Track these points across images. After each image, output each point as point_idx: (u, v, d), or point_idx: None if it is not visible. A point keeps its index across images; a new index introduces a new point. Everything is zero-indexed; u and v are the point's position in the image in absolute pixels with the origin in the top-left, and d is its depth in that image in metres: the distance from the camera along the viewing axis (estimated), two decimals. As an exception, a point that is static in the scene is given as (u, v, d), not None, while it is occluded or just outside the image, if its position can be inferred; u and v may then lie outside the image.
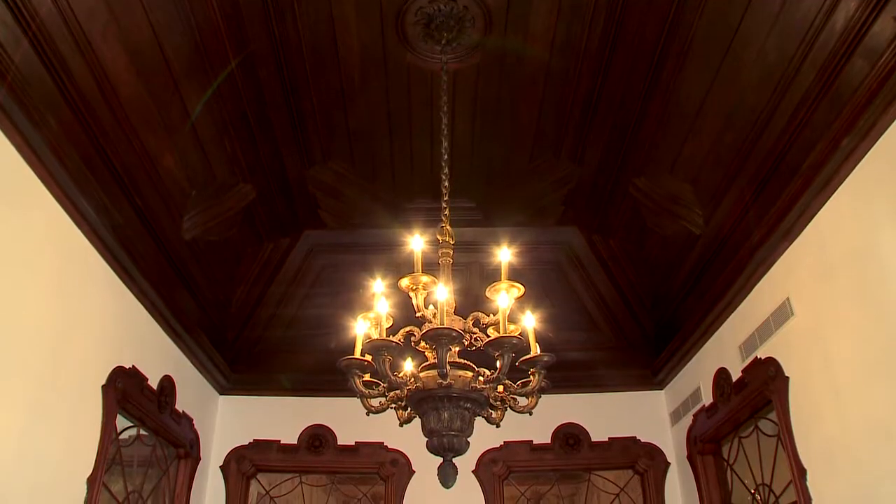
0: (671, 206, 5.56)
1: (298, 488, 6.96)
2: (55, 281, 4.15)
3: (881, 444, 3.77)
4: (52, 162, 3.88)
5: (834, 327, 4.18)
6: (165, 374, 5.69)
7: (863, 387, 3.93)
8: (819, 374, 4.34)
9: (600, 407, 6.94)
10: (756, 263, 4.94)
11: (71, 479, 4.36)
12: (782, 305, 4.73)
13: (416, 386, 3.01)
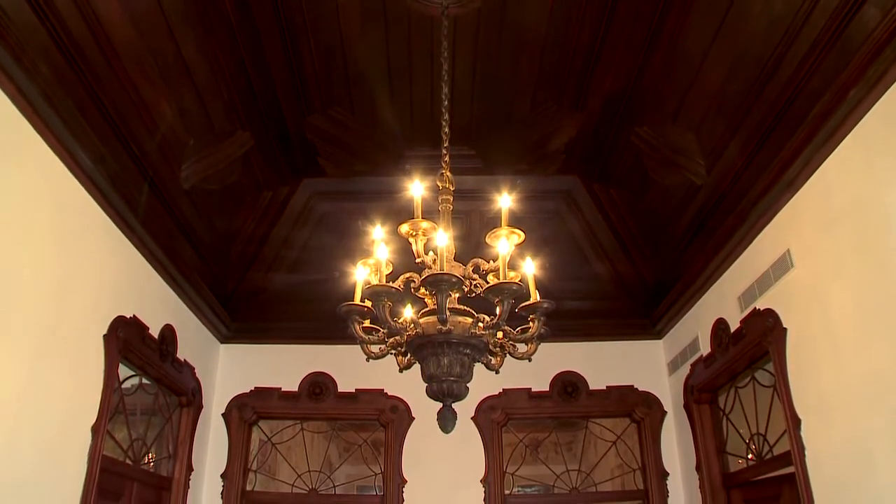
0: (673, 156, 5.51)
1: (300, 435, 7.05)
2: (53, 231, 4.14)
3: (876, 396, 3.80)
4: (45, 111, 3.83)
5: (834, 280, 4.18)
6: (166, 324, 5.73)
7: (861, 339, 3.94)
8: (817, 326, 4.35)
9: (598, 355, 7.00)
10: (757, 215, 4.92)
11: (75, 428, 4.42)
12: (782, 257, 4.73)
13: (415, 332, 3.01)
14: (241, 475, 6.71)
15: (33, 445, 3.96)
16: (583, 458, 7.14)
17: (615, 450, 7.04)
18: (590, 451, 7.16)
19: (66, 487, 4.31)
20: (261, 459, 7.09)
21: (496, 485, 6.56)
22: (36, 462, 3.98)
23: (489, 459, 6.64)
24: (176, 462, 6.11)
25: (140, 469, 5.52)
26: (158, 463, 5.95)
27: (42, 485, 4.05)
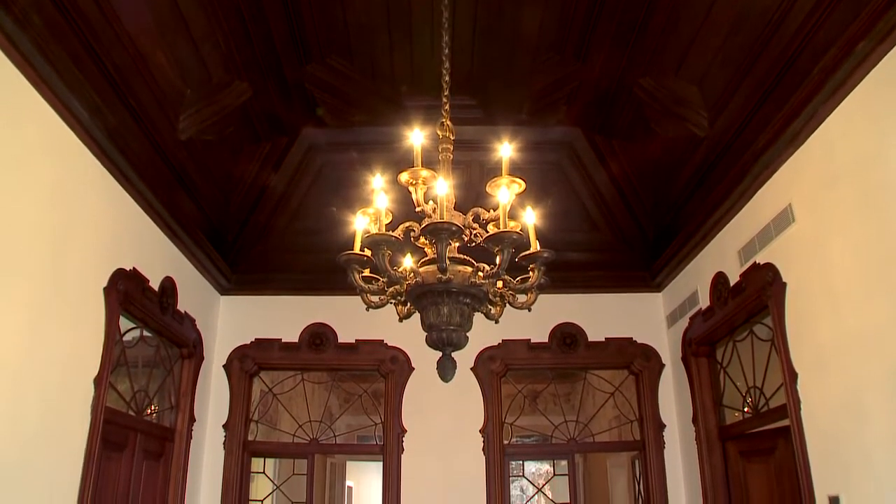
0: (676, 108, 5.45)
1: (300, 385, 7.12)
2: (50, 184, 4.12)
3: (873, 352, 3.82)
4: (40, 63, 3.77)
5: (835, 235, 4.18)
6: (166, 276, 5.74)
7: (860, 296, 3.95)
8: (817, 281, 4.36)
9: (598, 308, 7.04)
10: (759, 169, 4.89)
11: (78, 380, 4.46)
12: (784, 212, 4.71)
13: (415, 281, 3.00)
14: (243, 425, 6.79)
15: (37, 398, 4.00)
16: (581, 409, 7.21)
17: (613, 401, 7.11)
18: (588, 403, 7.23)
19: (70, 438, 4.36)
20: (262, 410, 7.16)
21: (495, 435, 6.64)
22: (40, 414, 4.03)
23: (488, 410, 6.72)
24: (178, 413, 6.18)
25: (143, 420, 5.58)
26: (161, 414, 6.01)
27: (47, 436, 4.10)
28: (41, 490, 4.05)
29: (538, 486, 7.52)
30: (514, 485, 7.26)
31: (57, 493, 4.22)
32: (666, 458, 6.64)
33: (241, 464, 6.69)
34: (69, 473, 4.34)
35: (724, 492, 5.91)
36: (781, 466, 5.23)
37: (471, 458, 6.60)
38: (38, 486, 4.01)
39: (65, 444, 4.30)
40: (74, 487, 4.38)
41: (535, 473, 8.61)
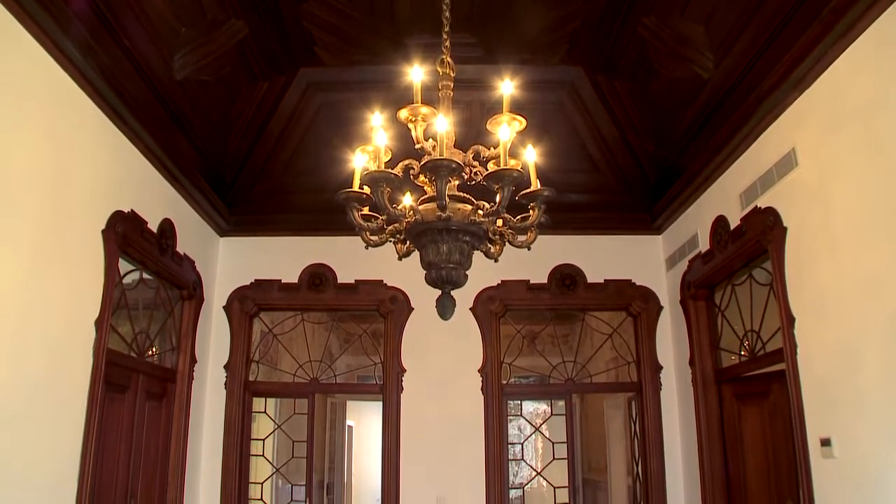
0: (680, 49, 5.36)
1: (300, 326, 7.16)
2: (45, 126, 4.06)
3: (870, 297, 3.84)
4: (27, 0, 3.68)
5: (838, 180, 4.14)
6: (165, 218, 5.72)
7: (860, 241, 3.94)
8: (817, 225, 4.35)
9: (597, 249, 7.04)
10: (764, 112, 4.81)
11: (79, 322, 4.48)
12: (787, 155, 4.67)
13: (414, 219, 2.98)
14: (244, 366, 6.86)
15: (39, 342, 4.03)
16: (579, 350, 7.27)
17: (611, 343, 7.16)
18: (586, 344, 7.28)
19: (73, 380, 4.41)
20: (262, 350, 7.22)
21: (493, 374, 6.72)
22: (42, 357, 4.06)
23: (487, 350, 6.78)
24: (179, 354, 6.23)
25: (144, 361, 5.63)
26: (162, 355, 6.07)
27: (50, 379, 4.14)
28: (46, 431, 4.11)
29: (535, 426, 7.61)
30: (511, 424, 7.35)
31: (61, 433, 4.28)
32: (662, 400, 6.72)
33: (242, 404, 6.77)
34: (73, 415, 4.40)
35: (719, 433, 6.00)
36: (775, 409, 5.31)
37: (469, 398, 6.69)
38: (42, 427, 4.07)
39: (68, 386, 4.35)
40: (79, 428, 4.44)
41: (533, 413, 8.73)
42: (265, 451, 7.08)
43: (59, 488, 4.26)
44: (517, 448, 7.40)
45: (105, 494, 4.96)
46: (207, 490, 6.54)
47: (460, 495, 6.50)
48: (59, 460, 4.26)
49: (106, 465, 4.95)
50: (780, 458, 5.27)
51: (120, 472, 5.20)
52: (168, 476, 5.98)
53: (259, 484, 6.96)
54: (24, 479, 3.91)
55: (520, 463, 7.58)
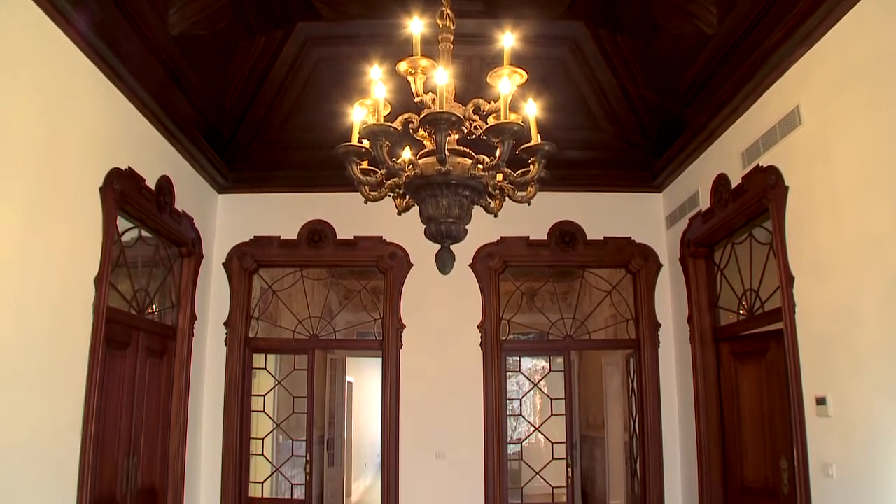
0: (684, 4, 5.28)
1: (300, 282, 7.17)
2: (39, 83, 4.01)
3: (870, 257, 3.84)
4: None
5: (842, 139, 4.11)
6: (163, 175, 5.68)
7: (862, 200, 3.93)
8: (820, 185, 4.33)
9: (597, 206, 7.02)
10: (769, 68, 4.75)
11: (78, 280, 4.48)
12: (791, 114, 4.62)
13: (413, 172, 2.96)
14: (244, 323, 6.89)
15: (39, 299, 4.04)
16: (578, 307, 7.30)
17: (610, 300, 7.18)
18: (585, 301, 7.31)
19: (74, 338, 4.43)
20: (262, 307, 7.24)
21: (492, 330, 6.75)
22: (43, 315, 4.08)
23: (486, 306, 6.80)
24: (179, 311, 6.25)
25: (145, 319, 5.66)
26: (162, 313, 6.08)
27: (51, 336, 4.17)
28: (48, 388, 4.15)
29: (534, 382, 7.66)
30: (510, 380, 7.41)
31: (63, 390, 4.32)
32: (660, 357, 6.77)
33: (242, 360, 6.82)
34: (74, 372, 4.44)
35: (716, 391, 6.05)
36: (772, 368, 5.34)
37: (468, 354, 6.73)
38: (44, 384, 4.10)
39: (69, 343, 4.37)
40: (80, 385, 4.49)
41: (532, 369, 8.79)
42: (266, 407, 7.14)
43: (62, 444, 4.32)
44: (515, 404, 7.48)
45: (108, 450, 5.02)
46: (209, 445, 6.62)
47: (459, 450, 6.58)
48: (62, 416, 4.31)
49: (108, 421, 5.00)
50: (775, 416, 5.32)
51: (122, 428, 5.26)
52: (170, 431, 6.05)
53: (260, 439, 7.04)
54: (28, 436, 3.96)
55: (518, 419, 7.65)
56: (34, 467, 4.03)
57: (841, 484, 4.12)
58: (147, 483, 5.68)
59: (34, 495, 4.04)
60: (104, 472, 4.96)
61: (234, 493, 6.59)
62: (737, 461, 5.81)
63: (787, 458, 5.10)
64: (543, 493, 6.92)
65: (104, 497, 4.97)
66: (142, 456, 5.57)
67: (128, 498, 5.30)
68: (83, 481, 4.47)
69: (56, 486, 4.26)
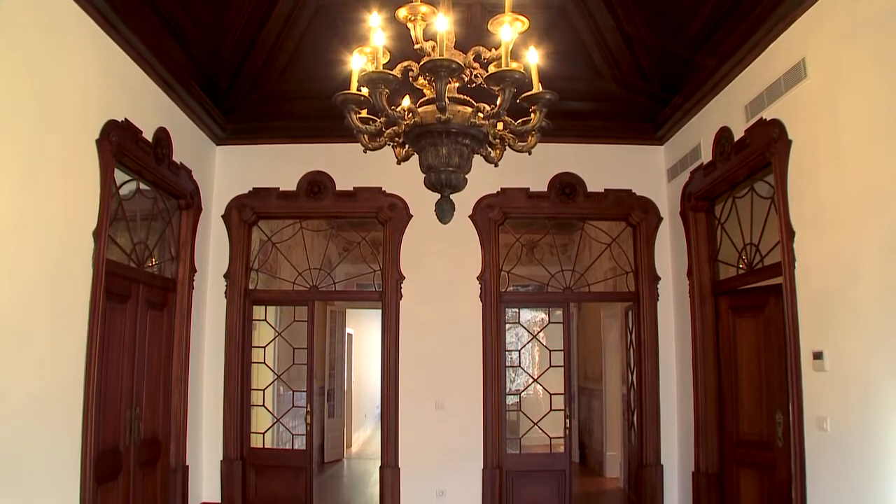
0: (690, -51, 5.18)
1: (299, 234, 7.16)
2: (28, 34, 3.94)
3: (872, 212, 3.83)
4: None
5: (848, 93, 4.06)
6: (160, 127, 5.63)
7: (866, 155, 3.90)
8: (823, 139, 4.29)
9: (598, 158, 6.98)
10: (775, 20, 4.68)
11: (77, 234, 4.48)
12: (796, 66, 4.56)
13: (413, 121, 2.92)
14: (244, 275, 6.90)
15: (38, 253, 4.04)
16: (577, 259, 7.30)
17: (609, 252, 7.18)
18: (584, 254, 7.31)
19: (74, 291, 4.44)
20: (262, 259, 7.25)
21: (492, 282, 6.77)
22: (43, 269, 4.08)
23: (485, 257, 6.81)
24: (179, 264, 6.26)
25: (144, 272, 5.66)
26: (162, 266, 6.09)
27: (51, 290, 4.17)
28: (49, 341, 4.18)
29: (533, 333, 7.71)
30: (509, 332, 7.45)
31: (64, 343, 4.35)
32: (659, 310, 6.80)
33: (242, 312, 6.85)
34: (75, 325, 4.46)
35: (713, 344, 6.09)
36: (770, 322, 5.38)
37: (468, 305, 6.76)
38: (45, 337, 4.13)
39: (69, 296, 4.38)
40: (82, 338, 4.52)
41: (531, 321, 8.83)
42: (266, 359, 7.20)
43: (66, 396, 4.36)
44: (514, 355, 7.52)
45: (111, 402, 5.08)
46: (210, 396, 6.70)
47: (458, 400, 6.65)
48: (65, 369, 4.35)
49: (110, 373, 5.05)
50: (772, 370, 5.37)
51: (124, 380, 5.31)
52: (171, 383, 6.11)
53: (261, 390, 7.10)
54: (32, 390, 4.00)
55: (517, 370, 7.69)
56: (39, 421, 4.08)
57: (835, 437, 4.18)
58: (150, 434, 5.76)
59: (40, 448, 4.10)
60: (108, 423, 5.03)
61: (236, 443, 6.69)
62: (733, 414, 5.88)
63: (783, 411, 5.15)
64: (541, 443, 7.01)
65: (108, 448, 5.05)
66: (144, 407, 5.63)
67: (131, 449, 5.39)
68: (87, 433, 4.53)
69: (61, 439, 4.32)
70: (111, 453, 5.10)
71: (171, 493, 6.01)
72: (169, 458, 6.03)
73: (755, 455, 5.59)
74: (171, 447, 6.06)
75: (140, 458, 5.53)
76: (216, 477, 6.66)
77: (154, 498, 5.77)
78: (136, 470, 5.46)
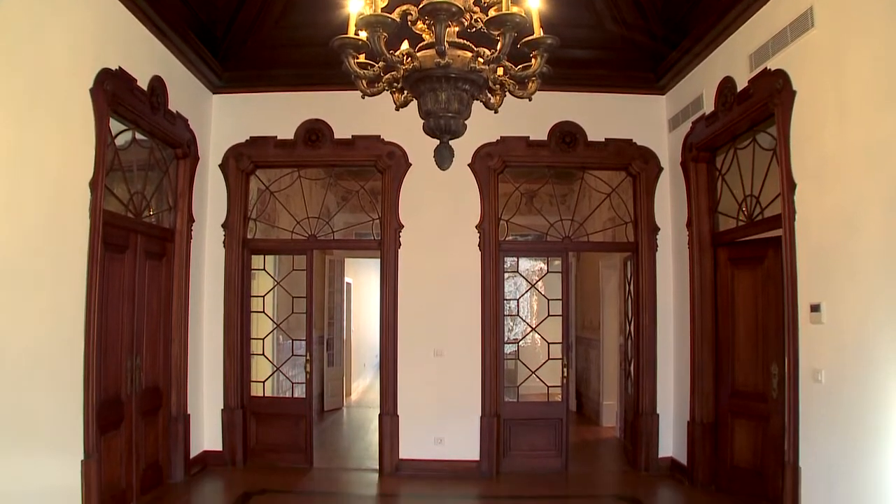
0: None
1: (297, 183, 7.13)
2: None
3: (876, 165, 3.81)
4: None
5: (856, 44, 3.99)
6: (155, 75, 5.56)
7: (871, 109, 3.86)
8: (829, 90, 4.24)
9: (599, 107, 6.89)
10: (783, -33, 4.59)
11: (73, 185, 4.45)
12: (803, 15, 4.48)
13: (412, 65, 2.87)
14: (242, 224, 6.89)
15: (35, 205, 4.03)
16: (577, 209, 7.27)
17: (609, 202, 7.16)
18: (584, 204, 7.28)
19: (72, 242, 4.45)
20: (260, 208, 7.23)
21: (491, 230, 6.76)
22: (39, 220, 4.08)
23: (485, 206, 6.78)
24: (177, 214, 6.24)
25: (142, 222, 5.66)
26: (160, 216, 6.08)
27: (49, 240, 4.18)
28: (48, 292, 4.20)
29: (531, 283, 7.71)
30: (508, 281, 7.46)
31: (65, 294, 4.37)
32: (658, 261, 6.81)
33: (241, 261, 6.85)
34: (74, 275, 4.47)
35: (711, 295, 6.12)
36: (768, 275, 5.39)
37: (467, 254, 6.76)
38: (44, 288, 4.16)
39: (67, 247, 4.39)
40: (81, 288, 4.53)
41: (529, 271, 8.84)
42: (265, 308, 7.23)
43: (66, 347, 4.40)
44: (513, 304, 7.55)
45: (111, 351, 5.13)
46: (210, 345, 6.75)
47: (457, 349, 6.70)
48: (65, 320, 4.38)
49: (110, 323, 5.09)
50: (769, 322, 5.41)
51: (124, 330, 5.35)
52: (171, 333, 6.15)
53: (260, 339, 7.15)
54: (33, 340, 4.03)
55: (515, 319, 7.73)
56: (41, 371, 4.12)
57: (829, 389, 4.23)
58: (151, 383, 5.82)
59: (43, 398, 4.16)
60: (109, 373, 5.09)
61: (236, 391, 6.77)
62: (729, 365, 5.94)
63: (778, 363, 5.20)
64: (539, 392, 7.08)
65: (110, 397, 5.11)
66: (145, 356, 5.68)
67: (133, 398, 5.45)
68: (88, 382, 4.58)
69: (63, 389, 4.37)
70: (113, 403, 5.17)
71: (173, 441, 6.10)
72: (170, 407, 6.11)
73: (750, 406, 5.66)
74: (173, 396, 6.13)
75: (142, 408, 5.60)
76: (217, 425, 6.75)
77: (156, 446, 5.87)
78: (138, 419, 5.54)
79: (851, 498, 3.97)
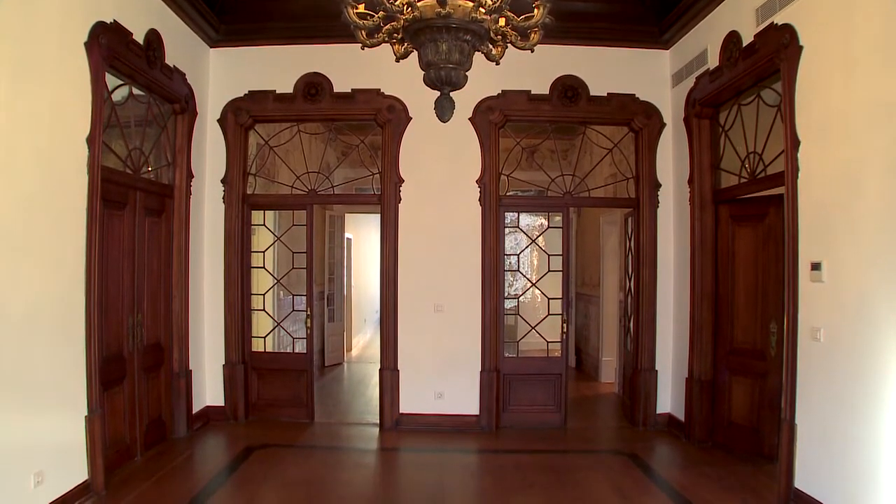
0: None
1: (297, 138, 7.07)
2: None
3: (881, 124, 3.76)
4: None
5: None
6: (151, 29, 5.47)
7: (878, 66, 3.80)
8: (836, 47, 4.16)
9: (601, 61, 6.79)
10: (793, -85, 4.48)
11: (70, 141, 4.41)
12: (812, -32, 4.39)
13: (412, 15, 2.82)
14: (241, 179, 6.85)
15: (32, 163, 4.00)
16: (578, 164, 7.22)
17: (610, 158, 7.11)
18: (585, 159, 7.23)
19: (70, 198, 4.43)
20: (259, 163, 7.19)
21: (491, 185, 6.72)
22: (37, 177, 4.05)
23: (485, 160, 6.73)
24: (175, 169, 6.20)
25: (141, 178, 5.62)
26: (158, 171, 6.04)
27: (47, 198, 4.16)
28: (48, 250, 4.21)
29: (532, 238, 7.70)
30: (508, 237, 7.44)
31: (64, 251, 4.37)
32: (658, 217, 6.78)
33: (241, 217, 6.83)
34: (73, 232, 4.46)
35: (712, 252, 6.11)
36: (769, 232, 5.38)
37: (467, 209, 6.73)
38: (44, 247, 4.16)
39: (65, 203, 4.37)
40: (80, 245, 4.52)
41: (530, 226, 8.83)
42: (266, 263, 7.24)
43: (68, 304, 4.41)
44: (513, 259, 7.55)
45: (112, 308, 5.14)
46: (211, 301, 6.77)
47: (457, 304, 6.72)
48: (65, 277, 4.38)
49: (111, 279, 5.10)
50: (768, 280, 5.41)
51: (125, 287, 5.36)
52: (172, 289, 6.17)
53: (261, 295, 7.17)
54: (34, 298, 4.04)
55: (515, 274, 7.73)
56: (42, 328, 4.14)
57: (828, 347, 4.24)
58: (153, 339, 5.85)
59: (45, 355, 4.18)
60: (110, 329, 5.12)
61: (238, 347, 6.80)
62: (728, 322, 5.96)
63: (777, 321, 5.22)
64: (538, 347, 7.12)
65: (112, 354, 5.14)
66: (146, 313, 5.70)
67: (135, 354, 5.49)
68: (90, 339, 4.60)
69: (65, 345, 4.40)
70: (115, 359, 5.20)
71: (176, 397, 6.16)
72: (172, 363, 6.16)
73: (748, 363, 5.70)
74: (174, 352, 6.17)
75: (144, 364, 5.64)
76: (219, 381, 6.81)
77: (159, 402, 5.93)
78: (141, 375, 5.59)
79: (846, 455, 4.01)
